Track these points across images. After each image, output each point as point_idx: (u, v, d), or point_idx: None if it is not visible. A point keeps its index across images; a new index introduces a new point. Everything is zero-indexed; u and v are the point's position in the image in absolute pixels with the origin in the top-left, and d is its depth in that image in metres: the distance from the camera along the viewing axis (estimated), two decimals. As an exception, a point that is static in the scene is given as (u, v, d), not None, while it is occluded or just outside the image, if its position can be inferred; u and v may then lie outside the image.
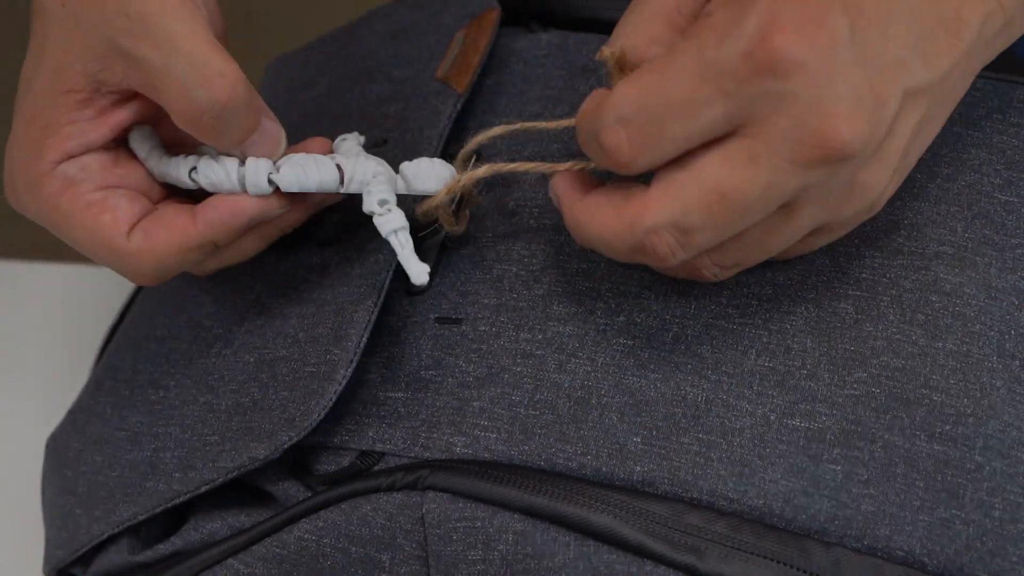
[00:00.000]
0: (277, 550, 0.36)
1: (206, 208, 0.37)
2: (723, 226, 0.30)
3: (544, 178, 0.39)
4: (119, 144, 0.38)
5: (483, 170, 0.37)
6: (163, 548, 0.39)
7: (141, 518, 0.39)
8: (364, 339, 0.37)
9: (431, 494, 0.34)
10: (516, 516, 0.34)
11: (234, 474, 0.37)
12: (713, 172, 0.29)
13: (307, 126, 0.44)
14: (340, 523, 0.35)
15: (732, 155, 0.29)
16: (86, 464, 0.41)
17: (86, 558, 0.41)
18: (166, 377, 0.41)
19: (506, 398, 0.36)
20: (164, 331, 0.43)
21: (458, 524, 0.34)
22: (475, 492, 0.34)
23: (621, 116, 0.30)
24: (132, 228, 0.37)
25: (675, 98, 0.29)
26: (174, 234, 0.36)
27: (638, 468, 0.34)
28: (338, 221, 0.41)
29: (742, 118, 0.29)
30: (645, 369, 0.35)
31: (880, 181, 0.31)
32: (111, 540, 0.40)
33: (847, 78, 0.28)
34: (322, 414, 0.36)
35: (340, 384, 0.36)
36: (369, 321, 0.37)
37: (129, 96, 0.37)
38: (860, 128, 0.28)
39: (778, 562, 0.32)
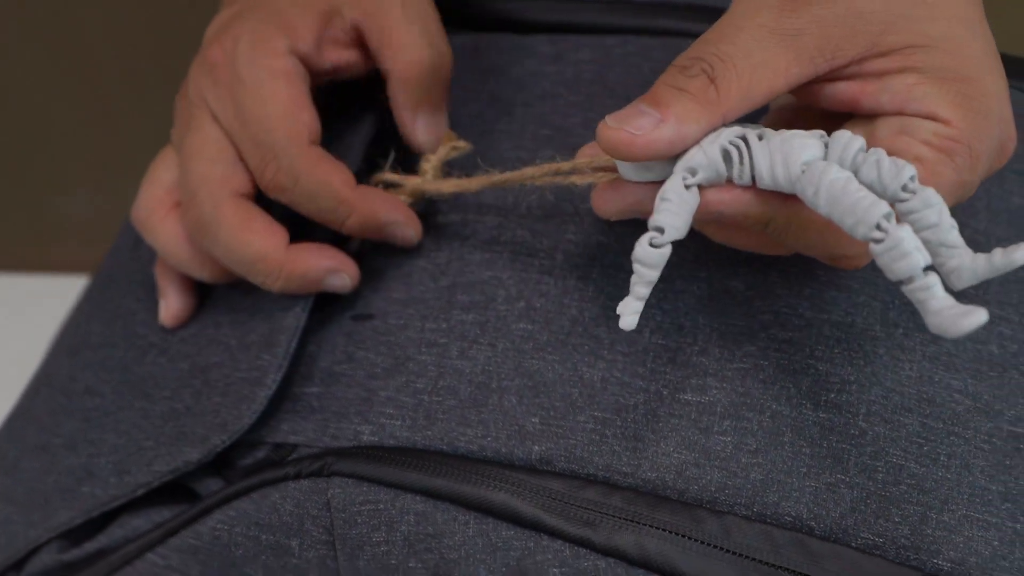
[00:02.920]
0: (192, 541, 0.37)
1: None
2: None
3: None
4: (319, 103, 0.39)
5: (499, 178, 0.37)
6: (89, 546, 0.40)
7: (78, 522, 0.40)
8: (294, 344, 0.38)
9: (336, 480, 0.35)
10: (417, 498, 0.35)
11: (167, 478, 0.38)
12: None
13: None
14: (251, 512, 0.36)
15: None
16: (24, 471, 0.43)
17: (19, 562, 0.43)
18: (102, 384, 0.43)
19: (411, 386, 0.37)
20: (100, 339, 0.44)
21: (362, 507, 0.35)
22: (378, 476, 0.35)
23: None
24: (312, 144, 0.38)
25: None
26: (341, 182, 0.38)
27: (536, 447, 0.35)
28: None
29: None
30: (543, 352, 0.36)
31: None
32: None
33: None
34: (253, 418, 0.37)
35: (270, 388, 0.37)
36: (298, 327, 0.38)
37: (351, 45, 0.40)
38: None
39: (670, 532, 0.33)
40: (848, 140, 0.30)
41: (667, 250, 0.30)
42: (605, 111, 0.41)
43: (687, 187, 0.31)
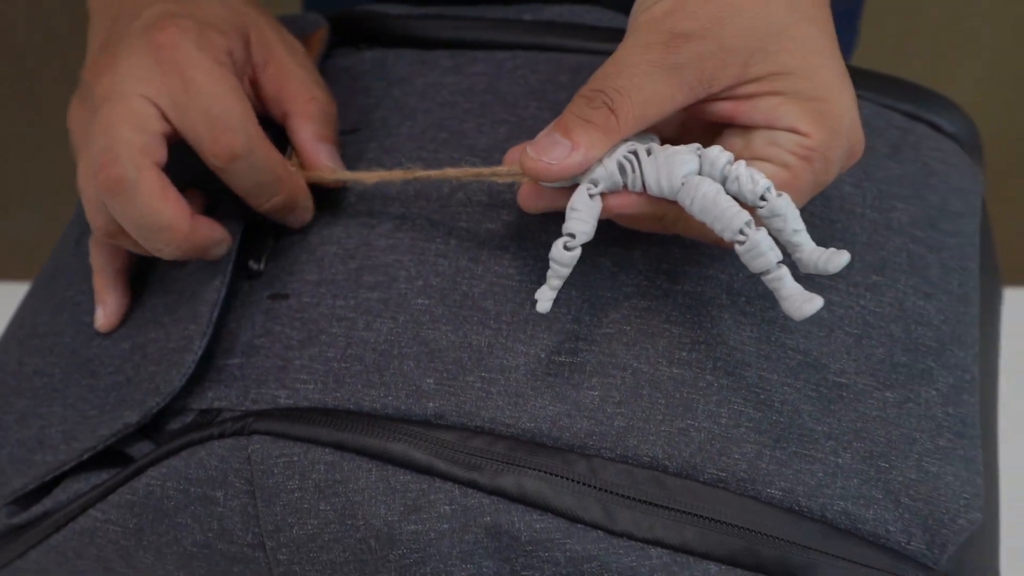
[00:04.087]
0: (128, 496, 0.42)
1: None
2: None
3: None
4: None
5: (406, 174, 0.42)
6: (36, 509, 0.44)
7: (31, 487, 0.44)
8: (215, 314, 0.43)
9: (256, 437, 0.40)
10: (327, 450, 0.40)
11: (111, 440, 0.42)
12: None
13: None
14: (180, 468, 0.41)
15: None
16: None
17: None
18: (50, 367, 0.47)
19: (322, 355, 0.42)
20: (46, 328, 0.49)
21: (278, 460, 0.40)
22: (292, 433, 0.40)
23: None
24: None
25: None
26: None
27: (431, 404, 0.40)
28: None
29: None
30: (438, 323, 0.41)
31: None
32: None
33: None
34: (183, 380, 0.42)
35: (197, 354, 0.42)
36: (218, 299, 0.43)
37: (250, 82, 0.45)
38: None
39: (545, 472, 0.38)
40: (716, 155, 0.37)
41: (578, 252, 0.37)
42: (496, 117, 0.47)
43: (591, 196, 0.37)
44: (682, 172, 0.37)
